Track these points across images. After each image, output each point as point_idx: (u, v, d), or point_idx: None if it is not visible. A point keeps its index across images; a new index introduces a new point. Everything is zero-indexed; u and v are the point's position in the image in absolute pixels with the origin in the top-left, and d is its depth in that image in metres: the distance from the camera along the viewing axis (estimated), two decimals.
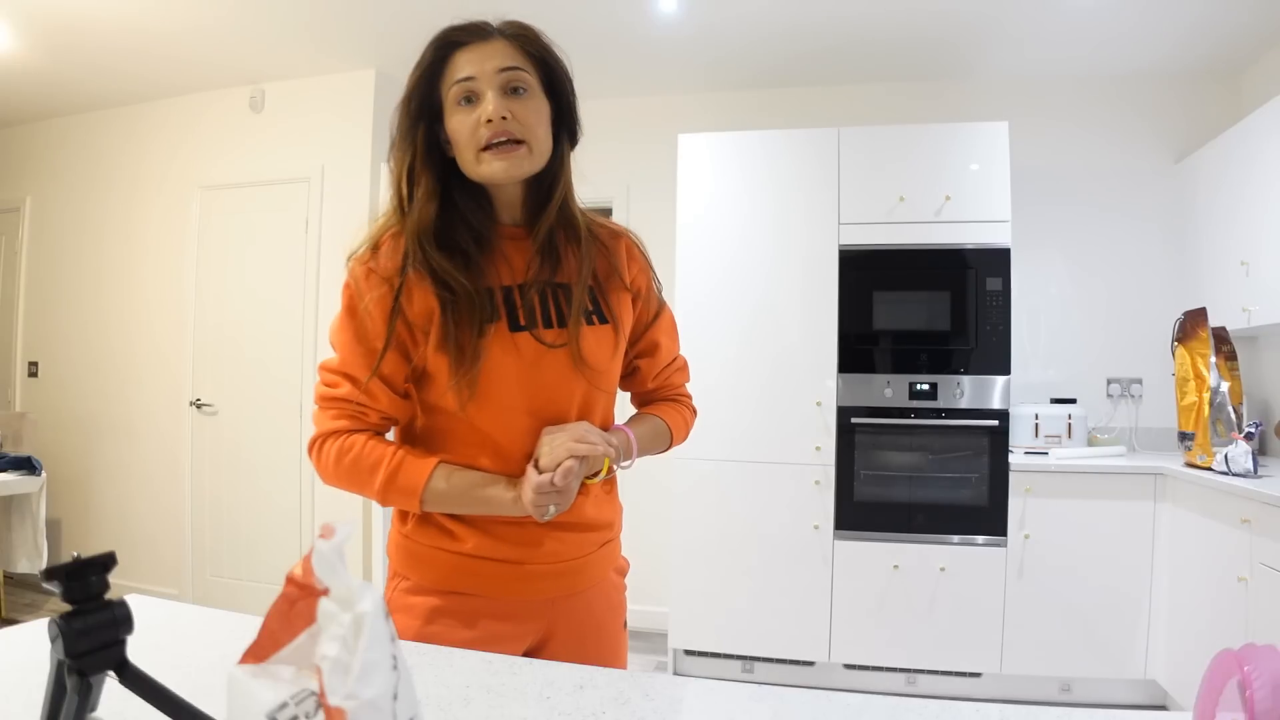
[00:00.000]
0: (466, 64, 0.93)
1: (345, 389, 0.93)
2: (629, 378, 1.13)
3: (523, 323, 0.95)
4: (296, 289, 3.55)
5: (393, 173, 0.97)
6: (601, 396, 1.03)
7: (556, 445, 0.91)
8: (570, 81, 1.01)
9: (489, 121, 0.91)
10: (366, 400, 0.93)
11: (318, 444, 0.95)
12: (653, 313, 1.10)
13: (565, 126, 1.01)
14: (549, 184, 1.00)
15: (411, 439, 1.01)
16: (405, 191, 0.95)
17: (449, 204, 0.96)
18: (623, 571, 1.12)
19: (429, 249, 0.92)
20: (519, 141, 0.93)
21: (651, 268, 1.11)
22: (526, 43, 0.96)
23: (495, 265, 0.97)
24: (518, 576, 0.97)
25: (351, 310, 0.94)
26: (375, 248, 0.95)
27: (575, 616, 1.02)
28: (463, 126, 0.93)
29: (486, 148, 0.92)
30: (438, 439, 0.98)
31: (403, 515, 1.00)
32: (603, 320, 1.01)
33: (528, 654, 0.98)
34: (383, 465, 0.92)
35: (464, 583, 0.97)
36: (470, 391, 0.91)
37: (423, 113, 0.95)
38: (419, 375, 0.96)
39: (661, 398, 1.15)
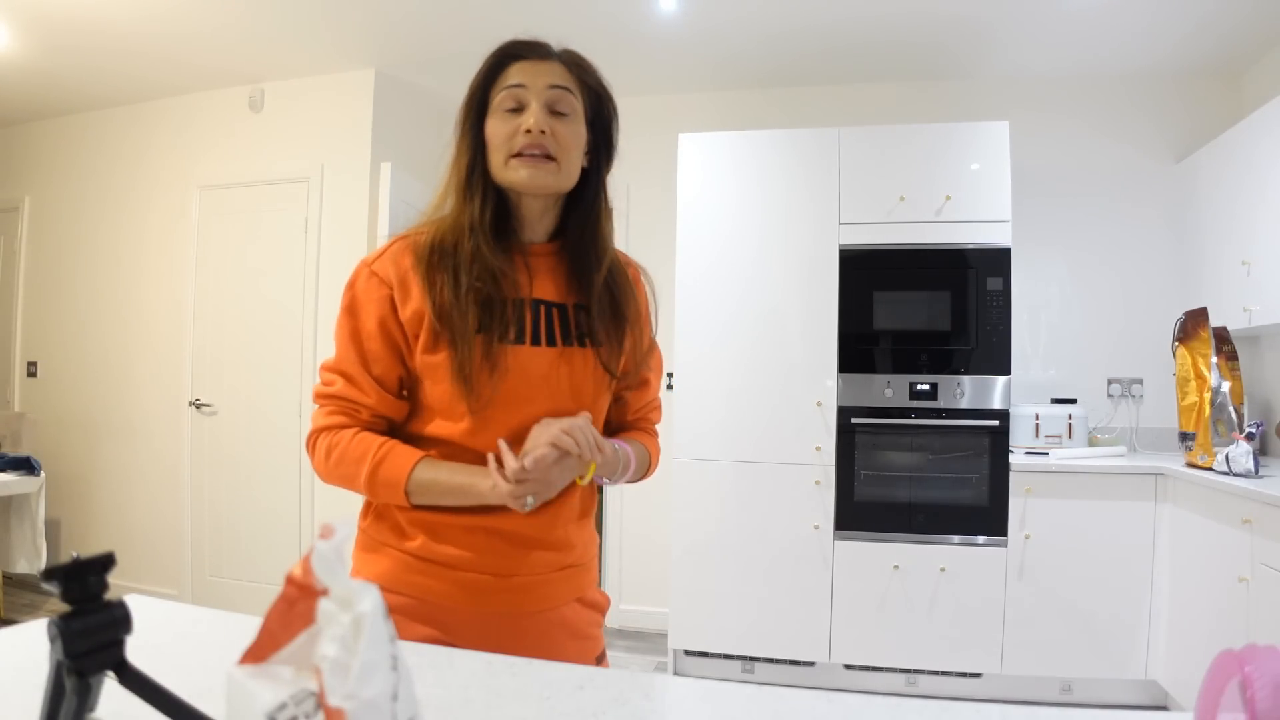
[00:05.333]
0: (519, 73, 0.95)
1: (339, 386, 0.95)
2: (612, 406, 1.11)
3: (512, 337, 0.94)
4: (296, 289, 3.54)
5: (448, 175, 0.99)
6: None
7: (540, 434, 0.90)
8: (616, 118, 1.03)
9: (528, 131, 0.93)
10: (358, 396, 0.94)
11: (312, 440, 0.96)
12: (645, 349, 1.08)
13: (605, 159, 1.03)
14: (585, 210, 1.01)
15: None
16: (463, 192, 0.96)
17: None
18: (598, 607, 1.06)
19: (486, 243, 0.94)
20: (551, 158, 0.94)
21: (653, 305, 1.10)
22: (581, 71, 0.99)
23: (512, 278, 0.97)
24: (458, 584, 0.94)
25: (350, 310, 0.96)
26: (381, 252, 0.97)
27: (526, 641, 0.95)
28: (500, 130, 0.94)
29: (517, 155, 0.93)
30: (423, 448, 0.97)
31: (365, 509, 1.00)
32: (595, 344, 1.00)
33: None
34: (368, 457, 0.92)
35: (405, 582, 0.94)
36: (472, 394, 0.91)
37: (479, 117, 0.97)
38: (413, 380, 0.97)
39: (637, 429, 1.14)
